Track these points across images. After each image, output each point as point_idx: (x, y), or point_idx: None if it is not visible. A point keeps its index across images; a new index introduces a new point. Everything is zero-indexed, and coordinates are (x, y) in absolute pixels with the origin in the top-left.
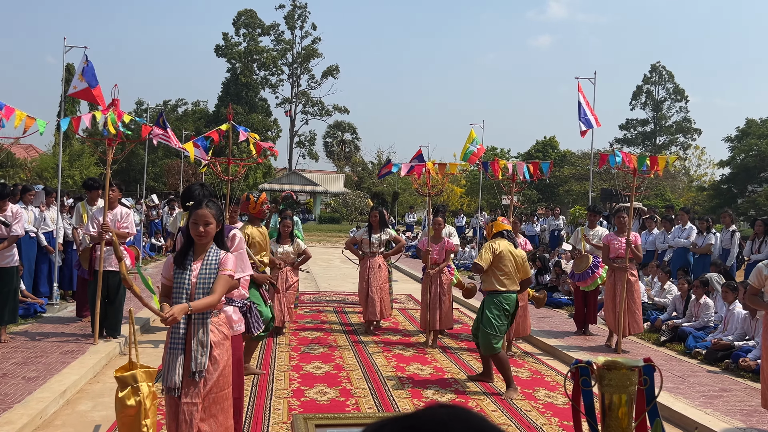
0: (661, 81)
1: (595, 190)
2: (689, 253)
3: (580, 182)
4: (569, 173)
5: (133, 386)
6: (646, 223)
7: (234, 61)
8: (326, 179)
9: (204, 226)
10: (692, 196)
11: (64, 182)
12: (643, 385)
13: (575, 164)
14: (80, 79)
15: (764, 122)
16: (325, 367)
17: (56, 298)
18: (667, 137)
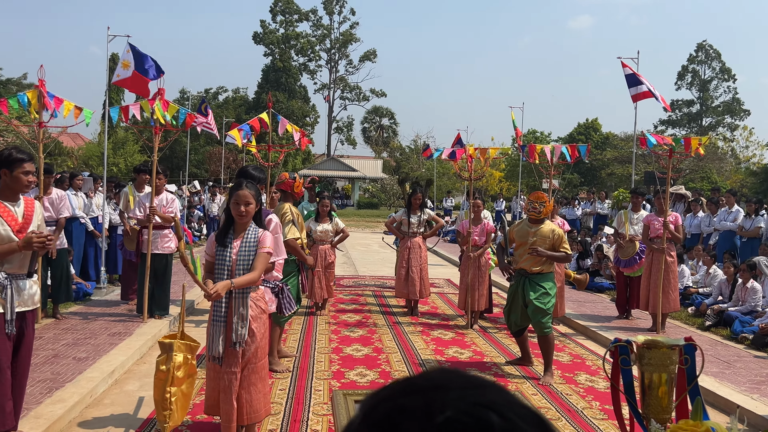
0: (707, 60)
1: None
2: (736, 236)
3: (623, 165)
4: (612, 156)
5: (168, 353)
6: (691, 206)
7: (272, 48)
8: (364, 165)
9: (245, 206)
10: (740, 178)
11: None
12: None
13: (618, 147)
14: (124, 67)
15: None
16: (365, 350)
17: (103, 281)
18: (714, 118)
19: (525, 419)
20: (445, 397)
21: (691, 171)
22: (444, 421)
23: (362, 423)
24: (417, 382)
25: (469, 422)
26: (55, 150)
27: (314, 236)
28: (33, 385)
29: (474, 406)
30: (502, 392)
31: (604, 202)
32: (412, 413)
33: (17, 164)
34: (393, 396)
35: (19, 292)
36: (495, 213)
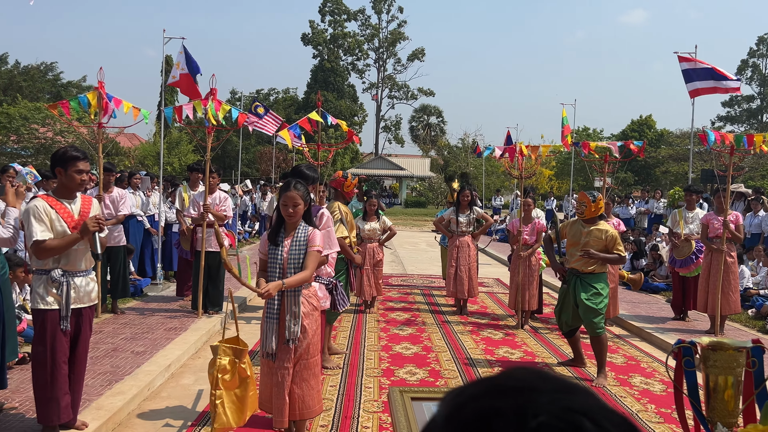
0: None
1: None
2: None
3: (679, 163)
4: (667, 154)
5: (214, 356)
6: (752, 204)
7: (321, 48)
8: (412, 163)
9: (293, 207)
10: None
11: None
12: (752, 367)
13: (674, 144)
14: (178, 69)
15: None
16: (414, 348)
17: (160, 277)
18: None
19: (619, 426)
20: (538, 401)
21: (751, 168)
22: (537, 426)
23: (448, 423)
24: (506, 383)
25: (563, 428)
26: (113, 150)
27: (362, 234)
28: (94, 378)
29: (567, 411)
30: (594, 397)
31: (660, 201)
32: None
33: (71, 162)
34: (482, 395)
35: (76, 289)
36: (546, 212)
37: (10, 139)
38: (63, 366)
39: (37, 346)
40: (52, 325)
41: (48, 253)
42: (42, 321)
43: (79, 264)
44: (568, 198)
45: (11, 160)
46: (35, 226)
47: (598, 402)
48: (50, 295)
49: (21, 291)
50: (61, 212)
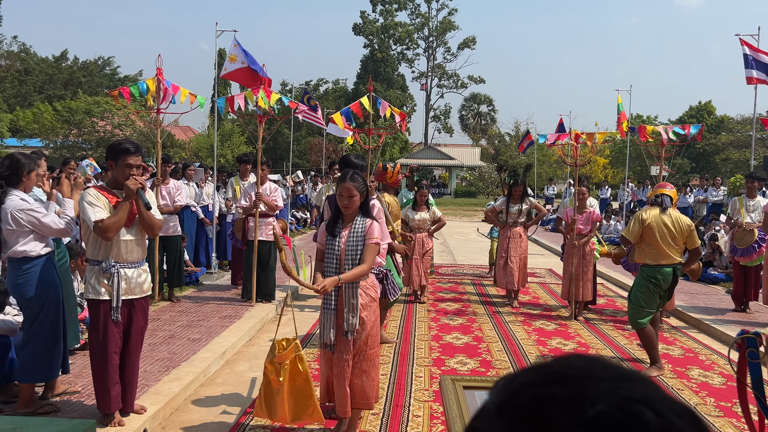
0: None
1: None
2: None
3: (740, 150)
4: (727, 140)
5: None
6: None
7: (371, 38)
8: (462, 153)
9: (348, 198)
10: None
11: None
12: None
13: (734, 130)
14: (231, 61)
15: None
16: (465, 338)
17: (214, 267)
18: None
19: (681, 417)
20: (597, 389)
21: None
22: (596, 415)
23: (501, 409)
24: (562, 370)
25: (623, 418)
26: (168, 142)
27: (411, 224)
28: (152, 364)
29: (627, 400)
30: (655, 387)
31: (719, 189)
32: (560, 403)
33: (121, 156)
34: (536, 383)
35: (127, 280)
36: (600, 201)
37: (72, 132)
38: (114, 356)
39: (91, 334)
40: (103, 315)
41: (111, 231)
42: (95, 311)
43: (130, 255)
44: (623, 187)
45: (73, 153)
46: (90, 211)
47: (659, 392)
48: (101, 285)
49: (83, 279)
50: (113, 202)
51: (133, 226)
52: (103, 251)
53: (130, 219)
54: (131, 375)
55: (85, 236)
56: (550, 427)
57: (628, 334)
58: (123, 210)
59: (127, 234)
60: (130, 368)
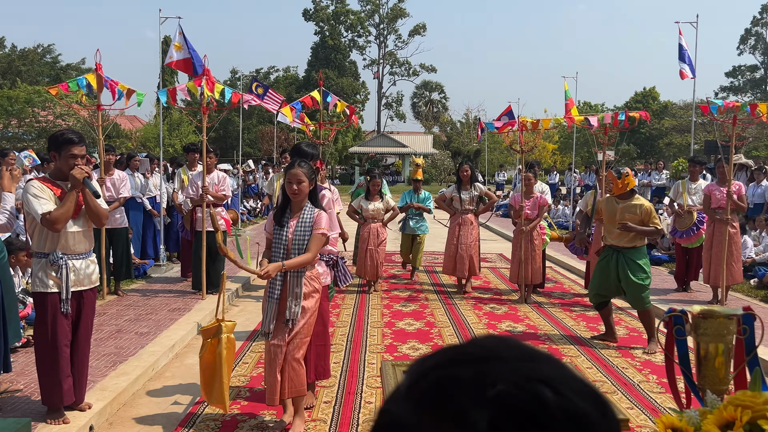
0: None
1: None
2: None
3: (682, 134)
4: (670, 125)
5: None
6: (755, 175)
7: (322, 24)
8: (414, 140)
9: (297, 184)
10: None
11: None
12: (742, 334)
13: (677, 116)
14: (176, 49)
15: None
16: (417, 324)
17: (163, 259)
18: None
19: (581, 395)
20: (499, 369)
21: (755, 139)
22: (496, 395)
23: (410, 391)
24: (469, 351)
25: (522, 397)
26: (114, 133)
27: (365, 214)
28: (98, 359)
29: (528, 379)
30: (559, 366)
31: (662, 173)
32: (463, 384)
33: (65, 147)
34: (444, 364)
35: (75, 271)
36: (549, 186)
37: (12, 123)
38: (65, 349)
39: (38, 329)
40: (52, 308)
41: (59, 222)
42: (42, 304)
43: (77, 246)
44: (570, 172)
45: (13, 144)
46: (35, 203)
47: (563, 371)
48: (49, 278)
49: (24, 275)
50: (58, 194)
51: (79, 217)
52: (49, 243)
53: (76, 210)
54: (82, 368)
55: (30, 229)
56: (452, 407)
57: (575, 316)
58: (70, 200)
59: (74, 225)
60: (81, 361)
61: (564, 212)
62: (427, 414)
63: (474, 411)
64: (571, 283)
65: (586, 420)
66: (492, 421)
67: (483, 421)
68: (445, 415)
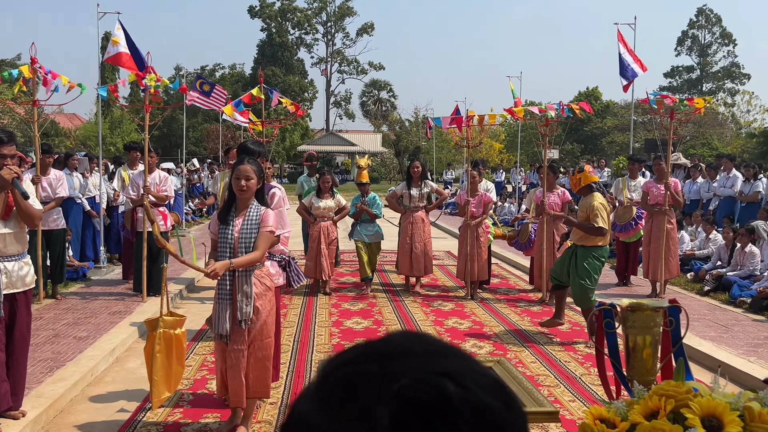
0: (707, 25)
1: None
2: (735, 201)
3: (624, 133)
4: (612, 124)
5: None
6: (691, 172)
7: (269, 22)
8: (364, 139)
9: (245, 180)
10: (741, 143)
11: (106, 149)
12: (669, 326)
13: (618, 115)
14: (113, 44)
15: None
16: (365, 323)
17: (103, 261)
18: (714, 84)
19: (485, 388)
20: (405, 364)
21: (692, 137)
22: (399, 389)
23: (318, 388)
24: (378, 347)
25: (426, 391)
26: (52, 131)
27: (315, 213)
28: (34, 365)
29: (432, 374)
30: (465, 360)
31: (603, 171)
32: (368, 380)
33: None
34: (352, 361)
35: (7, 274)
36: (495, 184)
37: None
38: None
39: None
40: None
41: None
42: None
43: (9, 248)
44: (515, 170)
45: None
46: None
47: (468, 365)
48: None
49: None
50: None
51: (10, 218)
52: None
53: (6, 211)
54: (18, 373)
55: None
56: (356, 404)
57: (520, 311)
58: None
59: (4, 227)
60: (17, 366)
61: (510, 210)
62: (333, 412)
63: (377, 407)
64: (517, 279)
65: (489, 412)
66: (395, 416)
67: (386, 416)
68: (350, 412)
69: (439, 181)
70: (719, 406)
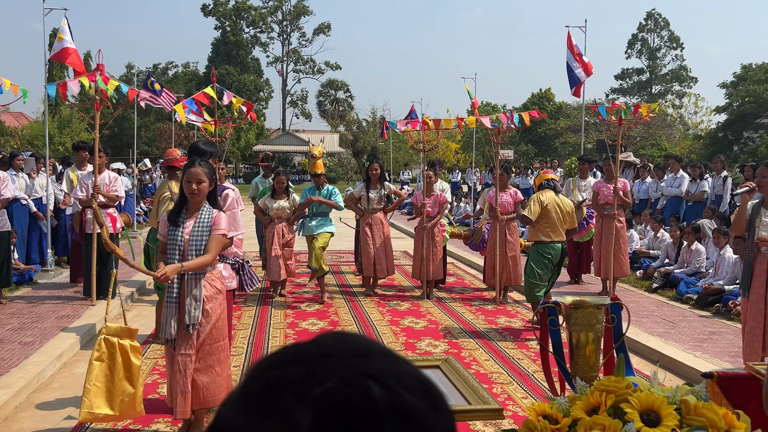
0: (656, 29)
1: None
2: (683, 200)
3: (576, 134)
4: (565, 125)
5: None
6: (640, 172)
7: (223, 20)
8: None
9: (197, 184)
10: (688, 144)
11: (55, 149)
12: (611, 323)
13: (571, 116)
14: (59, 41)
15: (760, 67)
16: (321, 324)
17: (51, 264)
18: (663, 86)
19: (411, 390)
20: (330, 367)
21: (642, 138)
22: (322, 393)
23: (242, 392)
24: (305, 350)
25: (349, 393)
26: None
27: (270, 213)
28: None
29: (357, 375)
30: (393, 361)
31: (556, 171)
32: (292, 383)
33: None
34: (279, 363)
35: None
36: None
37: None
38: None
39: None
40: None
41: None
42: None
43: None
44: (471, 170)
45: None
46: None
47: (396, 366)
48: None
49: None
50: None
51: None
52: None
53: None
54: None
55: None
56: (278, 408)
57: (475, 310)
58: None
59: None
60: None
61: (465, 209)
62: (255, 416)
63: (299, 410)
64: (472, 278)
65: (414, 414)
66: (316, 419)
67: (306, 420)
68: (272, 416)
69: (396, 181)
70: (657, 401)
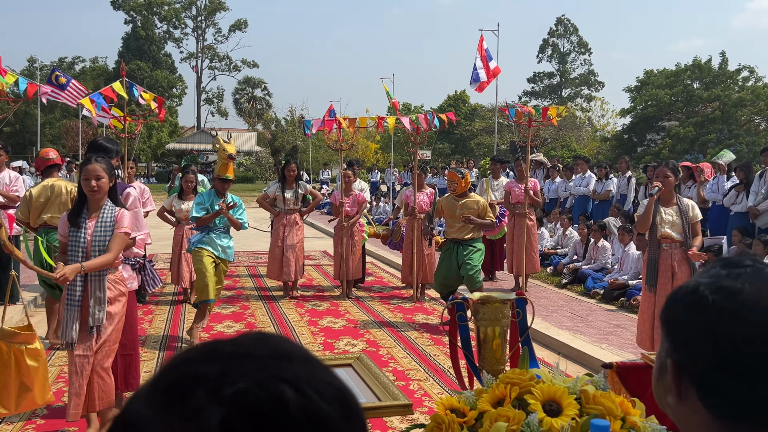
0: (566, 34)
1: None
2: (590, 199)
3: (491, 135)
4: (480, 126)
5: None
6: (550, 172)
7: (134, 14)
8: (237, 137)
9: (95, 180)
10: (596, 146)
11: None
12: (516, 317)
13: (486, 118)
14: None
15: (661, 73)
16: (237, 326)
17: None
18: (572, 89)
19: (324, 396)
20: (246, 367)
21: (552, 140)
22: (234, 393)
23: (153, 386)
24: (223, 348)
25: (262, 396)
26: None
27: (178, 215)
28: None
29: (271, 378)
30: (311, 366)
31: (472, 171)
32: (205, 381)
33: None
34: (192, 360)
35: None
36: (370, 184)
37: None
38: None
39: None
40: None
41: None
42: None
43: None
44: (389, 170)
45: None
46: None
47: (312, 371)
48: None
49: None
50: None
51: None
52: None
53: None
54: None
55: None
56: (188, 405)
57: (393, 308)
58: None
59: None
60: None
61: (384, 209)
62: (163, 411)
63: (208, 409)
64: (390, 277)
65: (326, 422)
66: (225, 419)
67: (215, 418)
68: (180, 412)
69: (316, 180)
70: (558, 391)
